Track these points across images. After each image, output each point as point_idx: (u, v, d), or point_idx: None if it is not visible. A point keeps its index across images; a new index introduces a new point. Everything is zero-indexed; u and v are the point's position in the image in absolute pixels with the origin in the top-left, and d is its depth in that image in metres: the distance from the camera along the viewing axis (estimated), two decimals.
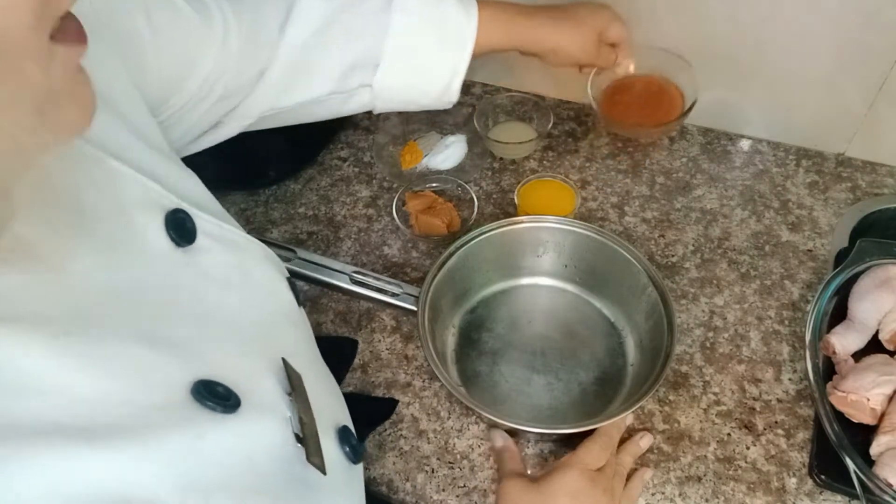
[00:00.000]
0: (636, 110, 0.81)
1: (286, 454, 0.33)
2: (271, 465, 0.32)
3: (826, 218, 0.82)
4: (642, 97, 0.82)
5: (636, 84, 0.83)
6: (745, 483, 0.63)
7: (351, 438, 0.42)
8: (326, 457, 0.36)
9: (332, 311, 0.78)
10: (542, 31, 0.66)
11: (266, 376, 0.35)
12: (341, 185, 0.92)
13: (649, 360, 0.66)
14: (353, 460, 0.41)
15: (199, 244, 0.37)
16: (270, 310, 0.41)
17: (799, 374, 0.69)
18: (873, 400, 0.60)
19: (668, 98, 0.82)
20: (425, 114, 0.98)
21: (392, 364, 0.73)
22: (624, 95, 0.82)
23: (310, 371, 0.40)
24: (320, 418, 0.37)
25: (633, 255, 0.70)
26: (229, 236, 0.40)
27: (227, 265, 0.39)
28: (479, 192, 0.88)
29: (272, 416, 0.34)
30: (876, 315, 0.67)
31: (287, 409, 0.35)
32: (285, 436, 0.34)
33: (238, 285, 0.39)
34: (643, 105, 0.81)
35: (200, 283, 0.36)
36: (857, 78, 0.80)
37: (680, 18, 0.83)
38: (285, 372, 0.36)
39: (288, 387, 0.36)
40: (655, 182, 0.88)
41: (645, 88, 0.82)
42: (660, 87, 0.82)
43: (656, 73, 0.83)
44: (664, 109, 0.81)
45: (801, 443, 0.65)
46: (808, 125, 0.88)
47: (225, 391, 0.31)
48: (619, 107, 0.82)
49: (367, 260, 0.83)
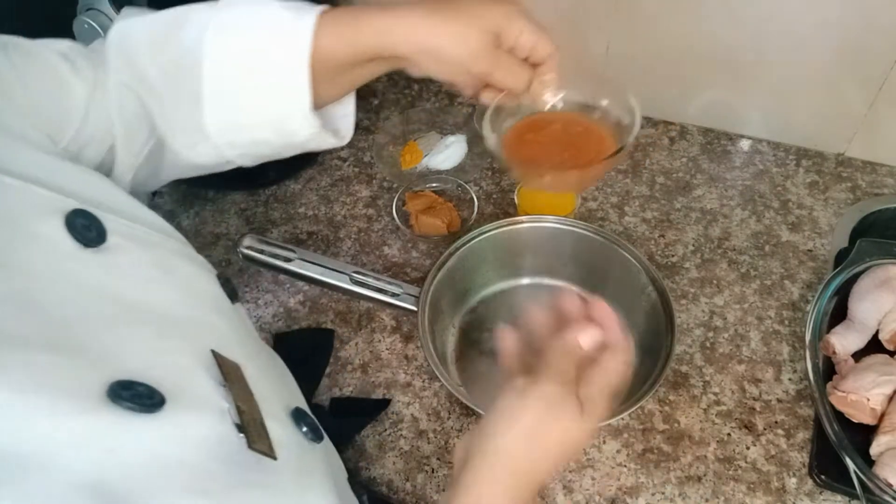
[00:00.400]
0: (551, 151, 0.55)
1: (227, 445, 0.33)
2: (210, 460, 0.31)
3: (826, 218, 0.82)
4: (560, 137, 0.56)
5: (555, 122, 0.56)
6: (745, 483, 0.62)
7: (307, 418, 0.42)
8: (280, 440, 0.36)
9: (332, 311, 0.78)
10: (406, 26, 0.47)
11: (195, 370, 0.35)
12: (341, 185, 0.92)
13: (649, 360, 0.66)
14: (313, 439, 0.42)
15: (111, 243, 0.37)
16: (198, 304, 0.41)
17: (799, 374, 0.69)
18: (873, 400, 0.60)
19: (596, 139, 0.55)
20: (425, 114, 0.98)
21: (392, 364, 0.73)
22: (537, 134, 0.56)
23: (250, 360, 0.40)
24: (267, 404, 0.37)
25: (633, 255, 0.70)
26: (141, 235, 0.40)
27: (144, 262, 0.39)
28: (479, 192, 0.88)
29: (204, 410, 0.33)
30: (876, 315, 0.67)
31: (223, 400, 0.34)
32: (223, 427, 0.33)
33: (160, 281, 0.39)
34: (562, 146, 0.55)
35: (116, 281, 0.36)
36: (857, 78, 0.80)
37: (680, 18, 0.83)
38: (216, 364, 0.36)
39: (221, 378, 0.35)
40: (655, 182, 0.88)
41: (564, 129, 0.56)
42: (586, 127, 0.56)
43: (584, 111, 0.57)
44: (587, 153, 0.54)
45: (801, 443, 0.65)
46: (808, 125, 0.88)
47: (147, 390, 0.30)
48: (528, 146, 0.55)
49: (367, 260, 0.83)
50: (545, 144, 0.55)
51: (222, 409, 0.34)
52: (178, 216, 0.90)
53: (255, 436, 0.34)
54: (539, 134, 0.55)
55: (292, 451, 0.38)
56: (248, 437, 0.34)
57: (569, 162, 0.53)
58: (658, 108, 0.95)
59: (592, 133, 0.55)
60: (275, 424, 0.37)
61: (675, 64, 0.88)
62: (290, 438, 0.39)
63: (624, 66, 0.91)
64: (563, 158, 0.53)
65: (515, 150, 0.54)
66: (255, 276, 0.82)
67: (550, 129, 0.55)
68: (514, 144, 0.55)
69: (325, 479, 0.41)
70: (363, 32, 0.47)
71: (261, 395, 0.38)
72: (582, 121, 0.56)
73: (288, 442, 0.38)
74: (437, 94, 1.03)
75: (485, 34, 0.48)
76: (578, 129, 0.55)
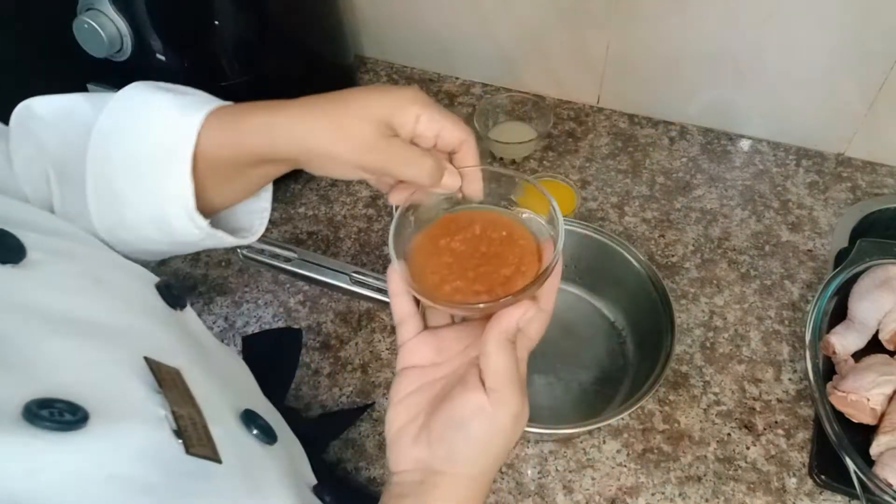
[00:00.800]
0: (463, 267, 0.42)
1: (166, 453, 0.32)
2: (147, 471, 0.31)
3: (826, 218, 0.82)
4: (476, 246, 0.44)
5: (475, 222, 0.44)
6: (745, 483, 0.62)
7: (258, 420, 0.41)
8: (228, 443, 0.36)
9: (332, 311, 0.78)
10: (284, 125, 0.42)
11: (127, 379, 0.34)
12: (341, 185, 0.92)
13: (649, 360, 0.66)
14: (266, 441, 0.41)
15: (32, 258, 0.36)
16: (131, 312, 0.40)
17: (799, 374, 0.69)
18: (873, 400, 0.60)
19: (518, 250, 0.43)
20: None
21: (392, 364, 0.73)
22: (450, 239, 0.44)
23: (195, 365, 0.39)
24: (212, 407, 0.37)
25: (633, 255, 0.70)
26: (65, 247, 0.40)
27: (71, 274, 0.38)
28: None
29: (136, 419, 0.32)
30: (876, 315, 0.67)
31: (159, 408, 0.33)
32: (161, 435, 0.33)
33: (88, 291, 0.38)
34: (475, 260, 0.43)
35: (40, 296, 0.35)
36: (857, 78, 0.80)
37: (680, 18, 0.83)
38: (150, 370, 0.35)
39: (156, 384, 0.34)
40: (655, 182, 0.88)
41: (483, 233, 0.44)
42: (509, 230, 0.44)
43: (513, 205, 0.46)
44: (500, 274, 0.42)
45: (801, 443, 0.65)
46: (808, 125, 0.88)
47: (67, 406, 0.29)
48: (439, 257, 0.43)
49: (367, 260, 0.83)
50: (457, 256, 0.43)
51: (159, 417, 0.33)
52: None
53: (194, 440, 0.33)
54: (453, 239, 0.43)
55: (242, 454, 0.38)
56: (186, 441, 0.33)
57: (478, 283, 0.41)
58: (658, 108, 0.95)
59: (516, 241, 0.43)
60: (220, 428, 0.36)
61: (675, 64, 0.88)
62: (238, 441, 0.39)
63: (624, 66, 0.91)
64: (474, 276, 0.41)
65: (423, 262, 0.43)
66: (255, 276, 0.82)
67: (468, 232, 0.44)
68: (424, 254, 0.43)
69: (281, 480, 0.41)
70: (244, 133, 0.42)
71: (205, 398, 0.37)
72: (505, 221, 0.44)
73: (235, 445, 0.38)
74: (436, 94, 1.03)
75: (371, 125, 0.41)
76: (499, 235, 0.44)
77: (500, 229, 0.44)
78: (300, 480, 0.46)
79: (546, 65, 0.96)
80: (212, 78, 0.77)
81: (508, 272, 0.42)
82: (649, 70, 0.90)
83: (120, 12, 0.69)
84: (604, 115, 0.97)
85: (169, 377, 0.36)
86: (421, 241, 0.44)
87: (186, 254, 0.84)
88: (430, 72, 1.06)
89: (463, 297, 0.40)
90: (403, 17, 1.00)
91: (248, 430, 0.41)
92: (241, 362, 0.52)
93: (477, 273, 0.42)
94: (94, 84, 0.74)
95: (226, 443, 0.36)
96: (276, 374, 0.68)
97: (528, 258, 0.42)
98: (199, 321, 0.48)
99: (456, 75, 1.05)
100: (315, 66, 0.90)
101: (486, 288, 0.41)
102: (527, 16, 0.91)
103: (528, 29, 0.93)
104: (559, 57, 0.94)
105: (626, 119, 0.96)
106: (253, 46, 0.78)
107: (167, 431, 0.33)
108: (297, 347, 0.74)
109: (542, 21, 0.91)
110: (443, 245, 0.43)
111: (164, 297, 0.44)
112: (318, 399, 0.71)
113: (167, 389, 0.35)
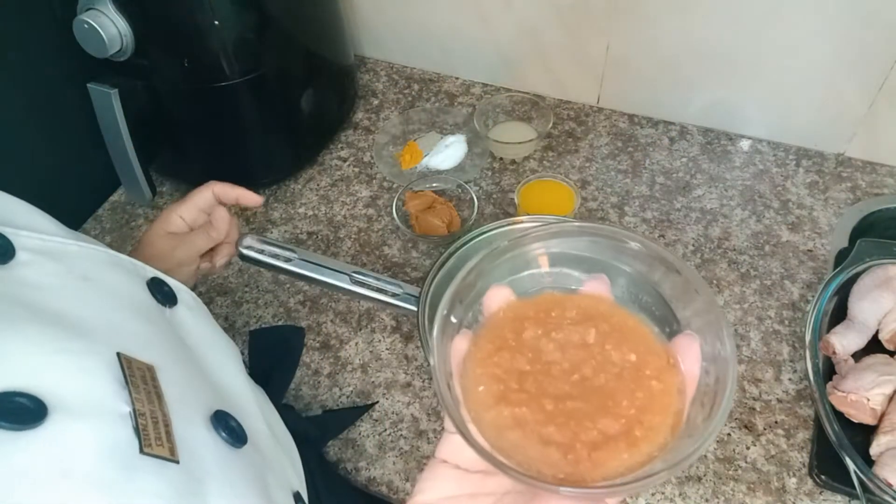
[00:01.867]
0: (536, 393, 0.26)
1: (124, 450, 0.32)
2: (103, 467, 0.31)
3: (826, 218, 0.82)
4: (577, 368, 0.27)
5: (591, 321, 0.29)
6: (745, 483, 0.63)
7: (229, 421, 0.42)
8: (191, 444, 0.36)
9: (332, 311, 0.78)
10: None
11: (96, 373, 0.34)
12: (341, 185, 0.92)
13: None
14: (232, 444, 0.41)
15: (20, 259, 0.38)
16: (116, 309, 0.41)
17: (799, 374, 0.69)
18: (873, 400, 0.60)
19: (643, 398, 0.27)
20: (425, 114, 0.98)
21: (392, 364, 0.73)
22: (542, 336, 0.29)
23: (176, 364, 0.40)
24: (181, 407, 0.37)
25: None
26: (55, 247, 0.41)
27: (56, 273, 0.39)
28: (479, 192, 0.88)
29: (97, 416, 0.33)
30: (876, 315, 0.67)
31: (124, 404, 0.34)
32: (122, 432, 0.33)
33: (76, 288, 0.39)
34: (570, 389, 0.27)
35: (19, 293, 0.36)
36: (857, 78, 0.80)
37: (680, 18, 0.83)
38: (120, 366, 0.36)
39: (124, 380, 0.35)
40: (655, 182, 0.88)
41: (601, 344, 0.29)
42: (640, 355, 0.28)
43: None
44: (605, 429, 0.25)
45: (801, 443, 0.65)
46: (808, 125, 0.88)
47: (30, 400, 0.30)
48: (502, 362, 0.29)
49: (367, 260, 0.83)
50: (542, 366, 0.27)
51: (122, 414, 0.33)
52: None
53: (152, 439, 0.34)
54: (546, 335, 0.27)
55: (203, 457, 0.38)
56: (143, 440, 0.33)
57: (556, 426, 0.25)
58: (658, 108, 0.95)
59: (642, 374, 0.26)
60: (186, 427, 0.37)
61: (675, 64, 0.88)
62: (202, 443, 0.39)
63: (624, 66, 0.91)
64: (554, 412, 0.25)
65: (483, 356, 0.27)
66: (255, 276, 0.82)
67: (574, 332, 0.27)
68: (489, 344, 0.27)
69: (241, 485, 0.40)
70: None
71: (178, 397, 0.37)
72: (635, 330, 0.27)
73: (197, 447, 0.38)
74: (437, 94, 1.03)
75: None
76: (623, 357, 0.27)
77: (628, 345, 0.26)
78: (275, 483, 0.45)
79: (546, 65, 0.96)
80: (212, 78, 0.77)
81: (613, 428, 0.24)
82: (649, 70, 0.90)
83: (120, 12, 0.69)
84: (604, 115, 0.97)
85: (140, 373, 0.36)
86: (495, 324, 0.28)
87: None
88: (430, 72, 1.06)
89: (520, 439, 0.24)
90: (403, 17, 1.00)
91: (215, 431, 0.40)
92: (237, 362, 0.51)
93: (560, 409, 0.25)
94: (95, 84, 0.74)
95: (187, 443, 0.36)
96: (278, 371, 0.68)
97: (651, 412, 0.24)
98: (194, 318, 0.48)
99: (456, 75, 1.05)
100: (315, 66, 0.90)
101: (565, 441, 0.24)
102: (527, 16, 0.91)
103: (528, 29, 0.93)
104: (559, 57, 0.94)
105: (626, 119, 0.96)
106: (253, 47, 0.78)
107: (129, 429, 0.33)
108: (299, 346, 0.74)
109: (542, 21, 0.91)
110: (528, 338, 0.27)
111: (154, 294, 0.45)
112: (318, 399, 0.71)
113: (134, 386, 0.35)
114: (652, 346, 0.27)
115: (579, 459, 0.23)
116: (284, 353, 0.72)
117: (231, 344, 0.52)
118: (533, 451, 0.24)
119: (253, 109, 0.83)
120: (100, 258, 0.44)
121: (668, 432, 0.24)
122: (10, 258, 0.37)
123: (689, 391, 0.25)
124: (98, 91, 0.74)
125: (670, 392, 0.25)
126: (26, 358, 0.33)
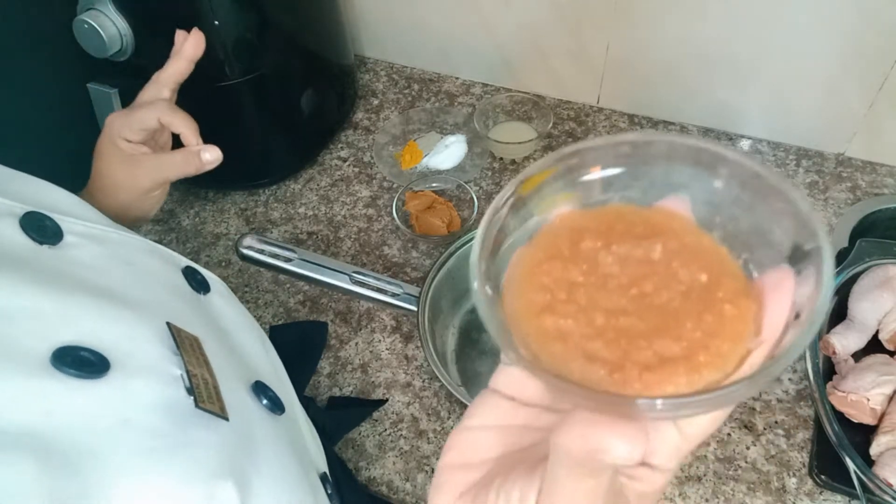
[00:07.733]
0: (588, 306, 0.23)
1: (177, 407, 0.35)
2: (157, 418, 0.34)
3: (826, 218, 0.82)
4: (638, 284, 0.22)
5: (659, 236, 0.24)
6: (745, 483, 0.62)
7: (268, 391, 0.44)
8: (238, 407, 0.39)
9: (332, 311, 0.78)
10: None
11: (148, 339, 0.37)
12: (341, 185, 0.92)
13: None
14: (273, 411, 0.44)
15: (68, 241, 0.41)
16: (157, 290, 0.44)
17: (799, 374, 0.69)
18: (873, 400, 0.60)
19: (712, 322, 0.22)
20: (425, 114, 0.98)
21: (392, 364, 0.73)
22: (602, 247, 0.24)
23: (213, 337, 0.43)
24: (226, 375, 0.40)
25: None
26: (99, 234, 0.44)
27: (102, 256, 0.42)
28: (479, 192, 0.88)
29: (152, 374, 0.35)
30: (876, 315, 0.67)
31: (176, 368, 0.37)
32: (174, 392, 0.35)
33: (118, 270, 0.42)
34: (627, 304, 0.23)
35: (73, 269, 0.39)
36: (857, 78, 0.80)
37: (680, 18, 0.83)
38: (171, 334, 0.38)
39: (175, 347, 0.38)
40: None
41: (668, 261, 0.24)
42: (713, 276, 0.23)
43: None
44: (663, 350, 0.22)
45: (801, 443, 0.65)
46: (808, 125, 0.88)
47: (93, 355, 0.33)
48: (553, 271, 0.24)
49: (367, 260, 0.83)
50: (597, 279, 0.24)
51: (174, 376, 0.36)
52: (179, 216, 0.90)
53: (205, 397, 0.36)
54: (607, 247, 0.24)
55: (249, 419, 0.40)
56: (197, 397, 0.36)
57: (604, 342, 0.22)
58: (658, 108, 0.95)
59: (714, 296, 0.22)
60: (231, 392, 0.39)
61: (675, 64, 0.88)
62: (247, 406, 0.41)
63: (624, 66, 0.91)
64: (605, 327, 0.22)
65: (533, 266, 0.24)
66: (255, 276, 0.82)
67: (639, 246, 0.24)
68: (539, 253, 0.25)
69: (283, 448, 0.43)
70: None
71: (219, 367, 0.40)
72: (711, 251, 0.24)
73: (244, 410, 0.40)
74: (437, 94, 1.03)
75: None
76: (692, 276, 0.23)
77: (699, 264, 0.23)
78: (306, 458, 0.47)
79: (546, 65, 0.96)
80: (212, 78, 0.77)
81: (671, 350, 0.21)
82: (649, 70, 0.90)
83: (120, 12, 0.69)
84: (604, 115, 0.97)
85: (188, 342, 0.39)
86: (549, 232, 0.25)
87: (185, 252, 0.84)
88: (430, 72, 1.06)
89: (562, 352, 0.22)
90: (403, 17, 1.00)
91: (258, 399, 0.43)
92: (267, 347, 0.53)
93: (612, 325, 0.22)
94: (95, 84, 0.74)
95: (234, 406, 0.39)
96: (298, 366, 0.69)
97: (721, 338, 0.21)
98: (225, 306, 0.50)
99: (456, 75, 1.05)
100: (315, 66, 0.90)
101: (613, 358, 0.21)
102: (527, 16, 0.91)
103: (527, 29, 0.93)
104: (559, 57, 0.94)
105: (626, 119, 0.96)
106: (253, 46, 0.78)
107: (181, 390, 0.36)
108: (321, 340, 0.75)
109: (542, 21, 0.91)
110: (585, 249, 0.24)
111: (189, 281, 0.48)
112: (317, 399, 0.71)
113: (185, 352, 0.38)
114: (729, 267, 0.23)
115: (627, 380, 0.20)
116: (306, 348, 0.73)
117: (260, 329, 0.54)
118: (575, 365, 0.21)
119: (253, 109, 0.83)
120: (139, 246, 0.46)
121: (736, 362, 0.21)
122: (59, 239, 0.40)
123: (769, 335, 0.21)
124: (98, 91, 0.74)
125: (745, 319, 0.21)
126: (88, 316, 0.35)
